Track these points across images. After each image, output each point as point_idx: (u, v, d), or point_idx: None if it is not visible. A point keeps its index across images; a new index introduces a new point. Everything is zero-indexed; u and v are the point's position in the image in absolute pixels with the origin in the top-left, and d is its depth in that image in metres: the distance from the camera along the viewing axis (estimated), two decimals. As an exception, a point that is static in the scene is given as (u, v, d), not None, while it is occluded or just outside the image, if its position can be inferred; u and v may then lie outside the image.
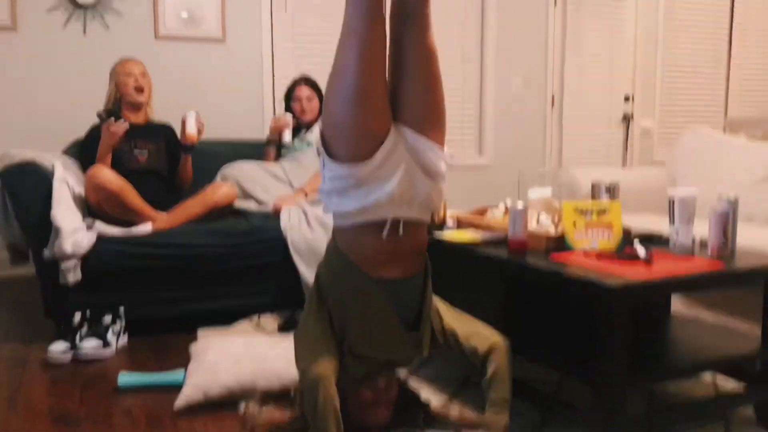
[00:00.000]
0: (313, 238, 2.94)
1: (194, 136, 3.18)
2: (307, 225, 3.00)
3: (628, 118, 5.33)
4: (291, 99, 3.57)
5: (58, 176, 2.73)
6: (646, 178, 3.68)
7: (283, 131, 3.45)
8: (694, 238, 2.00)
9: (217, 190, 3.11)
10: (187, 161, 3.26)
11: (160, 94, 3.53)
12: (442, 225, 2.50)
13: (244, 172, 3.33)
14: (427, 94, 1.71)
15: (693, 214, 1.98)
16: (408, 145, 1.70)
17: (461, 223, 2.48)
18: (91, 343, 2.56)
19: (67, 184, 2.77)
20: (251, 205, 3.26)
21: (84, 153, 3.12)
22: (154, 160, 3.19)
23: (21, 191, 2.67)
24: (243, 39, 4.20)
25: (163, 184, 3.23)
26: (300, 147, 3.50)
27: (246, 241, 2.89)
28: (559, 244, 2.06)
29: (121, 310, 2.72)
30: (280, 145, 3.55)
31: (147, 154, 3.17)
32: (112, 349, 2.61)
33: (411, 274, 1.75)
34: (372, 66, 1.61)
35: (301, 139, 3.53)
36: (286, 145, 3.50)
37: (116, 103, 3.19)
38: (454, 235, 2.29)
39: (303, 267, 2.91)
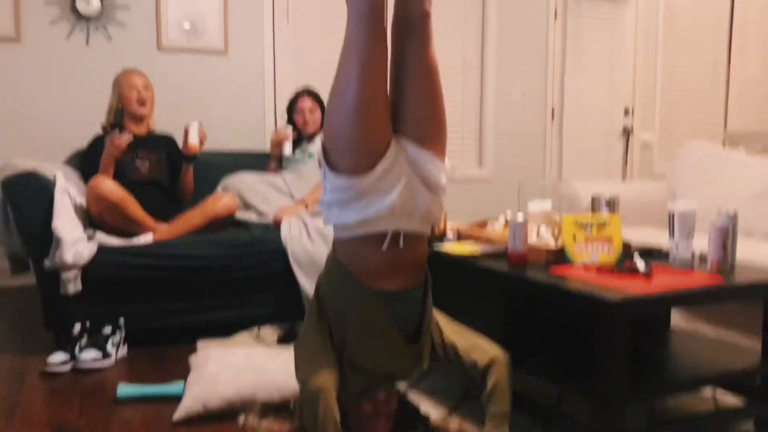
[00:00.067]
0: (314, 249, 2.94)
1: (196, 146, 3.19)
2: (308, 236, 3.00)
3: (628, 131, 5.34)
4: (293, 110, 3.57)
5: (59, 186, 2.74)
6: (646, 192, 3.69)
7: (284, 144, 3.46)
8: (693, 252, 2.01)
9: (218, 201, 3.11)
10: (189, 171, 3.28)
11: (162, 105, 3.55)
12: (442, 237, 2.51)
13: (245, 183, 3.34)
14: (427, 107, 1.72)
15: (693, 228, 1.99)
16: (408, 158, 1.70)
17: (461, 236, 2.49)
18: (90, 353, 2.55)
19: (69, 194, 2.77)
20: (252, 216, 3.26)
21: (86, 163, 3.14)
22: (156, 171, 3.21)
23: (22, 201, 2.67)
24: (245, 51, 4.22)
25: (164, 194, 3.24)
26: (301, 158, 3.51)
27: (246, 252, 2.90)
28: (559, 258, 2.07)
29: (121, 321, 2.73)
30: (282, 158, 3.56)
31: (148, 165, 3.18)
32: (111, 360, 2.61)
33: (411, 286, 1.75)
34: (373, 79, 1.62)
35: (303, 150, 3.54)
36: (287, 157, 3.51)
37: (118, 113, 3.21)
38: (455, 248, 2.29)
39: (303, 278, 2.91)
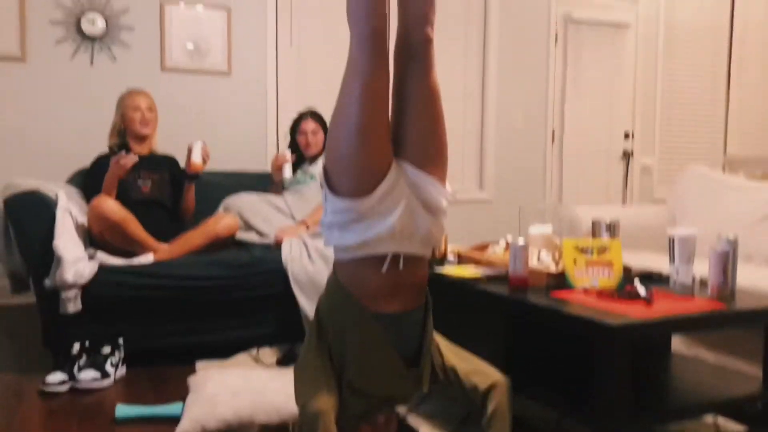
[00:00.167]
0: (314, 270, 2.94)
1: (199, 165, 3.20)
2: (308, 257, 3.00)
3: (628, 155, 5.36)
4: (297, 132, 3.58)
5: (61, 206, 2.75)
6: (646, 216, 3.70)
7: (283, 167, 3.48)
8: (694, 278, 2.01)
9: (219, 222, 3.12)
10: (191, 190, 3.29)
11: (166, 125, 3.57)
12: (442, 260, 2.51)
13: (246, 203, 3.35)
14: (429, 131, 1.73)
15: (693, 254, 1.99)
16: (409, 181, 1.71)
17: (462, 259, 2.49)
18: (89, 374, 2.54)
19: (70, 213, 2.78)
20: (253, 237, 3.26)
21: (89, 182, 3.15)
22: (158, 191, 3.22)
23: (24, 220, 2.68)
24: (248, 72, 4.26)
25: (166, 214, 3.25)
26: (303, 180, 3.52)
27: (247, 273, 2.89)
28: (560, 282, 2.07)
29: (120, 341, 2.72)
30: (283, 182, 3.57)
31: (150, 185, 3.19)
32: (110, 380, 2.59)
33: (411, 308, 1.75)
34: (375, 103, 1.64)
35: (305, 171, 3.55)
36: (288, 179, 3.52)
37: (121, 132, 3.23)
38: (455, 271, 2.29)
39: (303, 299, 2.90)
